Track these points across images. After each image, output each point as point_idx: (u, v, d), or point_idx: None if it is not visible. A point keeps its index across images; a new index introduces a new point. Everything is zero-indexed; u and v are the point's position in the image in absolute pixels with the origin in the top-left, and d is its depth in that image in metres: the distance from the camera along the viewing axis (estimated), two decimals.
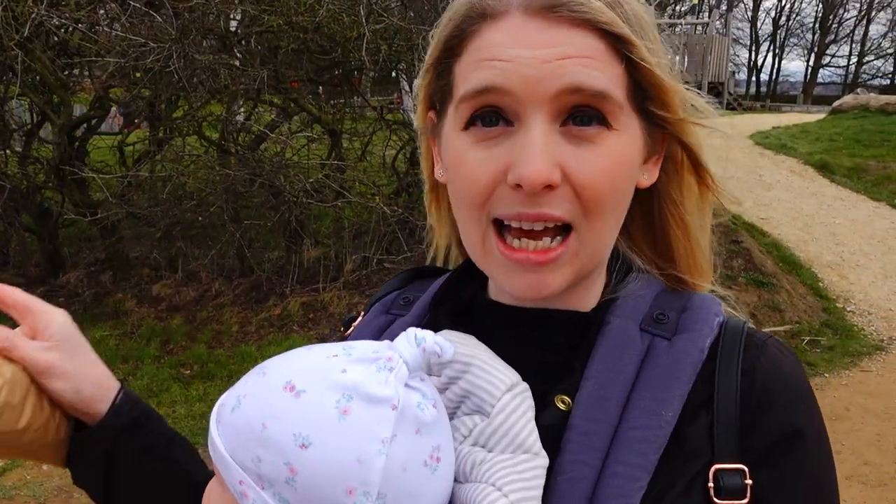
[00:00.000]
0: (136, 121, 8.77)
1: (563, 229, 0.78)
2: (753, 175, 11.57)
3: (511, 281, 0.80)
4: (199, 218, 7.42)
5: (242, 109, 8.26)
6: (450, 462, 0.75)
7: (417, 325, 0.87)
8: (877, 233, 9.67)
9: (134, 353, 6.66)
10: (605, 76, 0.75)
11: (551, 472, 0.74)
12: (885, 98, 16.63)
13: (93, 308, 7.65)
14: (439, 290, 0.95)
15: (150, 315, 7.30)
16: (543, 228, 0.77)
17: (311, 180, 6.96)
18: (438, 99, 0.86)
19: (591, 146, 0.75)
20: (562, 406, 0.79)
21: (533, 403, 0.77)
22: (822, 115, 17.87)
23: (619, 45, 0.76)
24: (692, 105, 0.85)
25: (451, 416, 0.79)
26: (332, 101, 8.63)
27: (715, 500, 0.75)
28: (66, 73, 7.79)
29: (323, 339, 6.28)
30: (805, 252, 8.85)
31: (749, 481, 0.75)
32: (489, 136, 0.77)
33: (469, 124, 0.78)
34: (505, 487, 0.71)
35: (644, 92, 0.79)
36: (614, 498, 0.72)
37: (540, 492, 0.73)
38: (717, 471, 0.76)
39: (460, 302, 0.93)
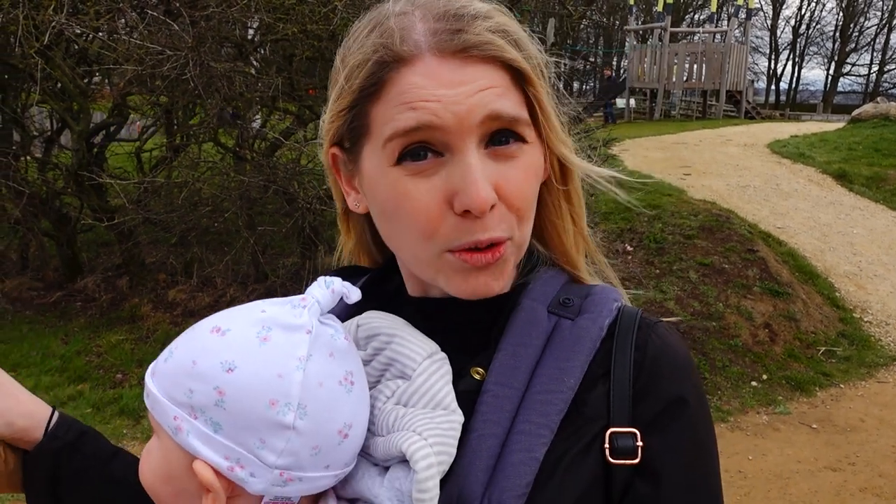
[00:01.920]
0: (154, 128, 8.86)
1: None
2: (771, 184, 11.49)
3: (468, 283, 0.87)
4: (215, 224, 7.48)
5: (258, 117, 8.32)
6: (363, 389, 0.84)
7: (345, 316, 0.97)
8: (895, 243, 9.58)
9: (150, 357, 6.72)
10: (514, 103, 0.85)
11: (464, 430, 0.83)
12: None
13: (109, 312, 7.73)
14: (364, 284, 1.02)
15: (166, 320, 7.36)
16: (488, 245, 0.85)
17: (325, 187, 6.99)
18: (348, 137, 0.91)
19: (513, 161, 0.85)
20: (476, 376, 0.88)
21: (450, 369, 0.87)
22: (841, 124, 17.74)
23: (518, 77, 0.85)
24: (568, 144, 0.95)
25: (377, 384, 0.87)
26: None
27: (610, 459, 0.84)
28: (86, 80, 7.90)
29: None
30: (822, 262, 8.78)
31: (640, 443, 0.85)
32: (422, 169, 0.83)
33: (400, 160, 0.83)
34: (425, 433, 0.79)
35: (536, 117, 0.88)
36: (519, 451, 0.81)
37: (455, 442, 0.81)
38: (612, 433, 0.85)
39: (385, 293, 1.02)
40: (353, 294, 0.85)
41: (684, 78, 23.85)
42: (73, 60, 7.50)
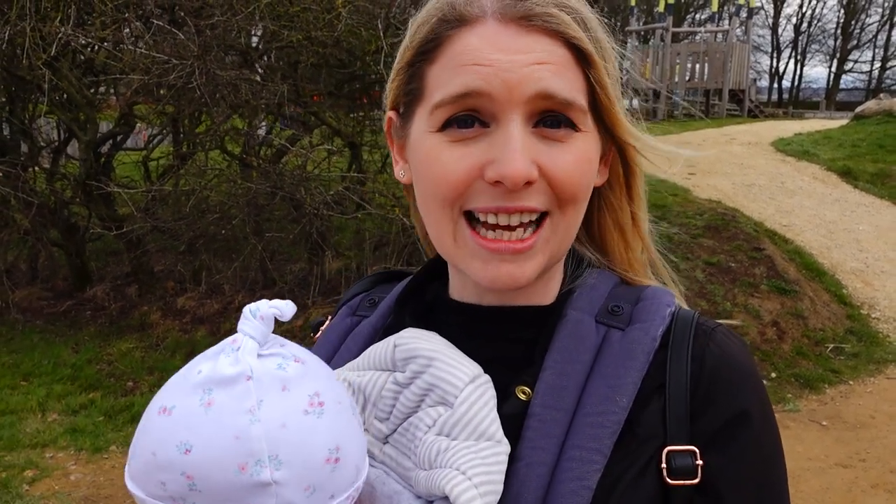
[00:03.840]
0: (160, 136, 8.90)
1: (535, 222, 0.83)
2: (776, 182, 11.48)
3: (487, 272, 0.82)
4: (222, 231, 7.52)
5: (264, 124, 8.36)
6: (339, 402, 0.77)
7: (381, 326, 0.94)
8: None
9: (159, 364, 6.75)
10: (571, 85, 0.81)
11: (512, 458, 0.78)
12: None
13: (119, 321, 7.77)
14: (403, 291, 0.99)
15: (175, 327, 7.40)
16: (518, 223, 0.81)
17: (331, 193, 7.03)
18: (404, 101, 0.88)
19: (561, 146, 0.81)
20: (522, 396, 0.83)
21: (494, 394, 0.81)
22: (844, 121, 17.70)
23: (581, 59, 0.81)
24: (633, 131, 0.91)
25: (416, 409, 0.82)
26: (352, 115, 8.71)
27: (668, 480, 0.79)
28: (92, 90, 7.95)
29: None
30: (828, 259, 8.77)
31: (700, 462, 0.79)
32: (465, 137, 0.80)
33: (445, 126, 0.81)
34: (469, 471, 0.74)
35: (598, 103, 0.84)
36: (571, 480, 0.76)
37: (502, 476, 0.76)
38: (669, 452, 0.80)
39: (423, 302, 0.97)
40: (287, 310, 0.78)
41: (687, 77, 23.85)
42: (80, 71, 7.55)
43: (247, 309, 0.77)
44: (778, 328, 7.08)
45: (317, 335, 1.07)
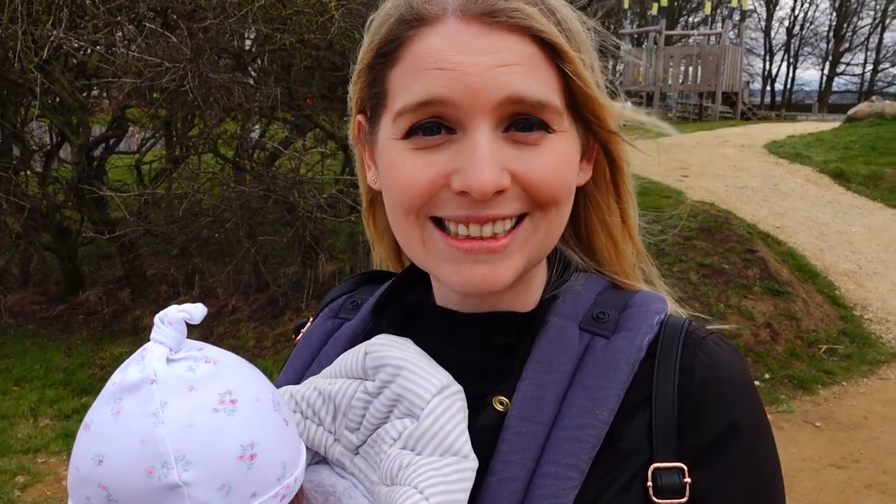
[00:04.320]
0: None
1: (517, 221, 0.78)
2: (768, 184, 11.52)
3: (460, 275, 0.78)
4: (216, 234, 7.50)
5: (257, 127, 8.35)
6: (256, 400, 0.75)
7: (362, 331, 0.91)
8: (894, 240, 9.60)
9: None
10: (544, 84, 0.76)
11: (484, 472, 0.75)
12: None
13: (111, 325, 7.74)
14: (381, 296, 0.95)
15: None
16: (491, 233, 0.77)
17: (325, 196, 7.03)
18: (370, 106, 0.85)
19: (535, 149, 0.76)
20: (499, 407, 0.79)
21: (465, 406, 0.77)
22: (837, 124, 17.78)
23: (553, 54, 0.76)
24: (625, 122, 0.87)
25: (384, 420, 0.79)
26: (345, 118, 8.69)
27: (654, 499, 0.75)
28: (85, 94, 7.93)
29: None
30: (821, 260, 8.80)
31: (688, 479, 0.75)
32: (430, 144, 0.76)
33: (409, 133, 0.77)
34: (427, 490, 0.71)
35: (576, 98, 0.79)
36: (545, 498, 0.72)
37: (465, 495, 0.72)
38: (655, 469, 0.75)
39: (403, 307, 0.93)
40: (196, 313, 0.76)
41: (680, 80, 23.92)
42: (72, 74, 7.53)
43: (156, 317, 0.76)
44: (771, 330, 7.09)
45: (297, 337, 1.04)
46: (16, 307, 8.23)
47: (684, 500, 0.75)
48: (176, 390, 0.71)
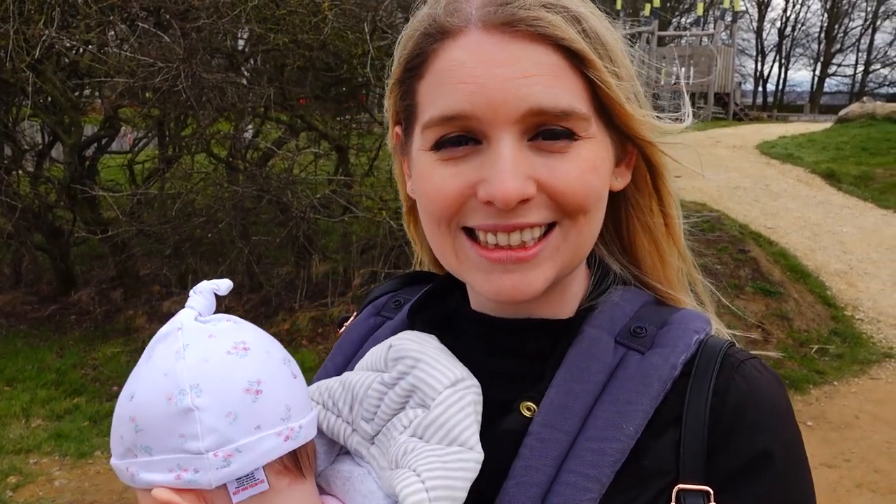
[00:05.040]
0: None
1: (547, 230, 0.79)
2: (760, 184, 11.57)
3: (491, 283, 0.79)
4: (209, 234, 7.49)
5: (250, 127, 8.34)
6: (267, 352, 0.84)
7: (401, 329, 0.94)
8: (885, 240, 9.65)
9: None
10: (568, 92, 0.76)
11: (503, 476, 0.75)
12: (891, 106, 16.61)
13: (104, 325, 7.72)
14: (418, 298, 0.97)
15: None
16: (519, 242, 0.78)
17: (318, 196, 7.03)
18: (404, 118, 0.87)
19: (561, 157, 0.77)
20: (526, 413, 0.79)
21: (478, 400, 0.79)
22: (828, 124, 17.86)
23: (577, 61, 0.76)
24: (657, 127, 0.87)
25: (399, 411, 0.82)
26: (338, 118, 8.69)
27: None
28: (77, 93, 7.90)
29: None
30: (813, 261, 8.84)
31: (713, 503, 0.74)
32: (457, 156, 0.78)
33: (437, 145, 0.79)
34: (424, 474, 0.73)
35: (604, 105, 0.79)
36: None
37: (464, 483, 0.74)
38: (680, 490, 0.74)
39: (442, 310, 0.94)
40: (223, 286, 0.86)
41: (672, 81, 23.96)
42: (64, 74, 7.50)
43: (192, 290, 0.87)
44: (763, 329, 7.12)
45: (341, 331, 1.05)
46: (7, 307, 8.20)
47: None
48: (198, 337, 0.82)
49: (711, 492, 0.74)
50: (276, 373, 0.83)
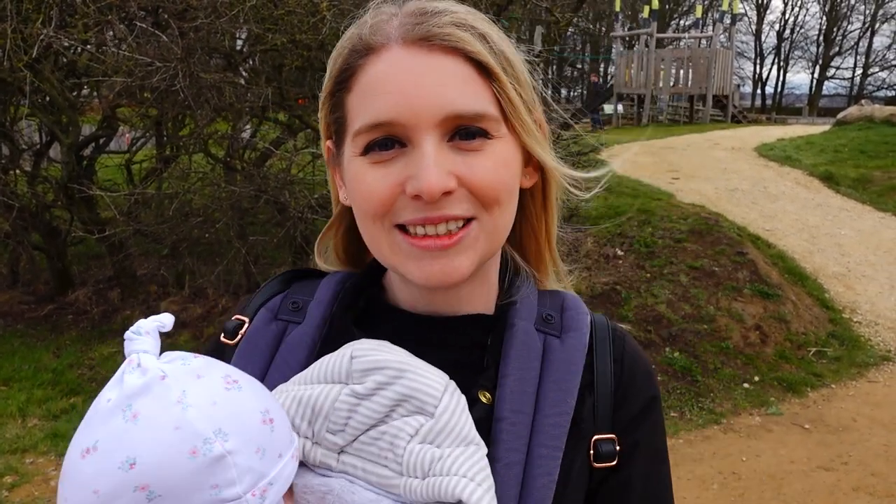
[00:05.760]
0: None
1: (462, 224, 0.88)
2: (758, 187, 11.57)
3: (421, 270, 0.88)
4: (206, 234, 7.47)
5: (248, 127, 8.33)
6: (250, 380, 0.83)
7: (318, 333, 0.96)
8: (883, 243, 9.66)
9: None
10: (478, 97, 0.86)
11: (490, 459, 0.85)
12: (889, 109, 16.63)
13: (101, 325, 7.70)
14: (344, 297, 1.01)
15: None
16: (446, 231, 0.87)
17: (316, 196, 7.01)
18: (335, 130, 0.95)
19: (477, 154, 0.86)
20: (484, 400, 0.90)
21: (465, 399, 0.87)
22: (827, 127, 17.88)
23: (484, 72, 0.86)
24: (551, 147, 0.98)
25: (384, 420, 0.83)
26: None
27: (594, 464, 0.92)
28: (75, 93, 7.89)
29: None
30: (811, 263, 8.84)
31: (618, 447, 0.93)
32: (385, 158, 0.86)
33: (366, 150, 0.87)
34: (476, 477, 0.80)
35: (506, 112, 0.89)
36: (541, 476, 0.86)
37: (491, 477, 0.83)
38: (596, 440, 0.93)
39: (357, 307, 1.01)
40: (167, 321, 0.82)
41: (671, 83, 23.99)
42: (62, 73, 7.49)
43: (129, 332, 0.79)
44: (761, 332, 7.12)
45: (236, 339, 1.02)
46: (4, 307, 8.18)
47: (614, 463, 0.92)
48: (187, 380, 0.76)
49: (615, 437, 0.93)
50: (269, 397, 0.84)
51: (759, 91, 46.54)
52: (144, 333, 0.79)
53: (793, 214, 10.38)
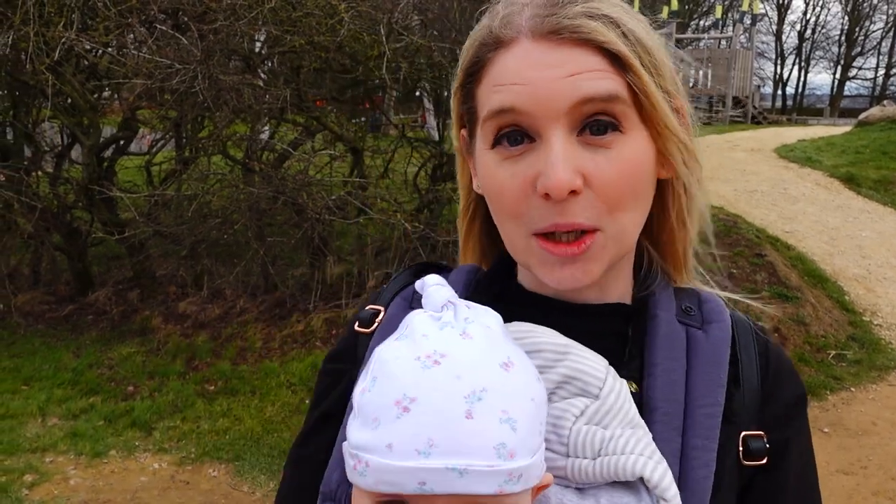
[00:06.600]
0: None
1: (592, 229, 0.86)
2: (778, 188, 11.47)
3: (553, 274, 0.87)
4: (224, 236, 7.53)
5: (266, 128, 8.38)
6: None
7: None
8: None
9: (160, 369, 6.76)
10: (611, 82, 0.82)
11: None
12: None
13: (120, 325, 7.77)
14: (477, 284, 1.01)
15: (176, 332, 7.40)
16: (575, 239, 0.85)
17: (333, 197, 7.04)
18: (467, 120, 0.95)
19: (606, 151, 0.83)
20: (632, 389, 0.88)
21: (626, 384, 0.86)
22: (848, 128, 17.69)
23: (618, 63, 0.83)
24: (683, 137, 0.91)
25: (549, 399, 0.82)
26: (354, 120, 8.71)
27: (743, 461, 0.89)
28: (96, 95, 7.97)
29: None
30: (830, 265, 8.76)
31: (767, 445, 0.90)
32: (514, 154, 0.84)
33: (495, 143, 0.86)
34: (654, 456, 0.80)
35: (643, 108, 0.85)
36: (700, 468, 0.85)
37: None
38: (745, 436, 0.90)
39: (492, 294, 0.98)
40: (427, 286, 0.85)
41: (691, 84, 23.84)
42: (84, 76, 7.57)
43: (435, 286, 0.82)
44: (780, 335, 7.06)
45: (371, 328, 1.02)
46: (26, 307, 8.27)
47: (764, 461, 0.90)
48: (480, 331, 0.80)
49: (765, 434, 0.91)
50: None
51: (779, 92, 46.16)
52: (444, 285, 0.82)
53: (813, 216, 10.28)
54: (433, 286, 0.82)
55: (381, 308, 1.04)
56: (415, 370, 0.73)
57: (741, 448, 0.89)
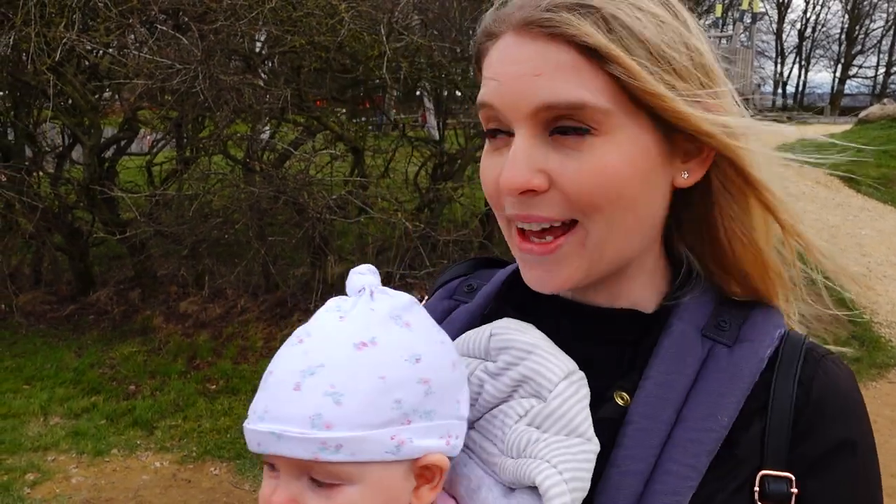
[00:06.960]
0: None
1: (570, 226, 0.80)
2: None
3: (525, 273, 0.85)
4: (225, 235, 7.54)
5: (267, 128, 8.39)
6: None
7: (480, 314, 0.97)
8: None
9: (161, 368, 6.77)
10: (580, 87, 0.75)
11: (606, 463, 0.78)
12: None
13: (122, 325, 7.79)
14: (506, 282, 0.99)
15: (178, 331, 7.41)
16: (547, 228, 0.81)
17: (334, 197, 7.05)
18: None
19: (575, 153, 0.77)
20: (620, 401, 0.82)
21: (588, 392, 0.81)
22: (848, 126, 17.69)
23: (595, 56, 0.75)
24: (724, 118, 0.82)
25: (506, 399, 0.84)
26: (354, 119, 8.72)
27: (758, 503, 0.78)
28: (97, 95, 7.98)
29: None
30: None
31: (795, 490, 0.78)
32: (497, 146, 0.83)
33: (489, 133, 0.85)
34: (559, 465, 0.75)
35: (636, 97, 0.76)
36: (665, 494, 0.76)
37: (590, 474, 0.77)
38: (763, 476, 0.78)
39: (525, 292, 0.92)
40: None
41: None
42: (85, 76, 7.58)
43: (354, 271, 0.85)
44: None
45: None
46: (27, 307, 8.28)
47: None
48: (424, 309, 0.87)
49: (794, 478, 0.78)
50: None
51: (780, 90, 46.14)
52: (369, 273, 0.84)
53: (813, 214, 10.29)
54: (356, 273, 0.85)
55: (425, 296, 1.09)
56: (284, 348, 0.82)
57: (757, 488, 0.78)
